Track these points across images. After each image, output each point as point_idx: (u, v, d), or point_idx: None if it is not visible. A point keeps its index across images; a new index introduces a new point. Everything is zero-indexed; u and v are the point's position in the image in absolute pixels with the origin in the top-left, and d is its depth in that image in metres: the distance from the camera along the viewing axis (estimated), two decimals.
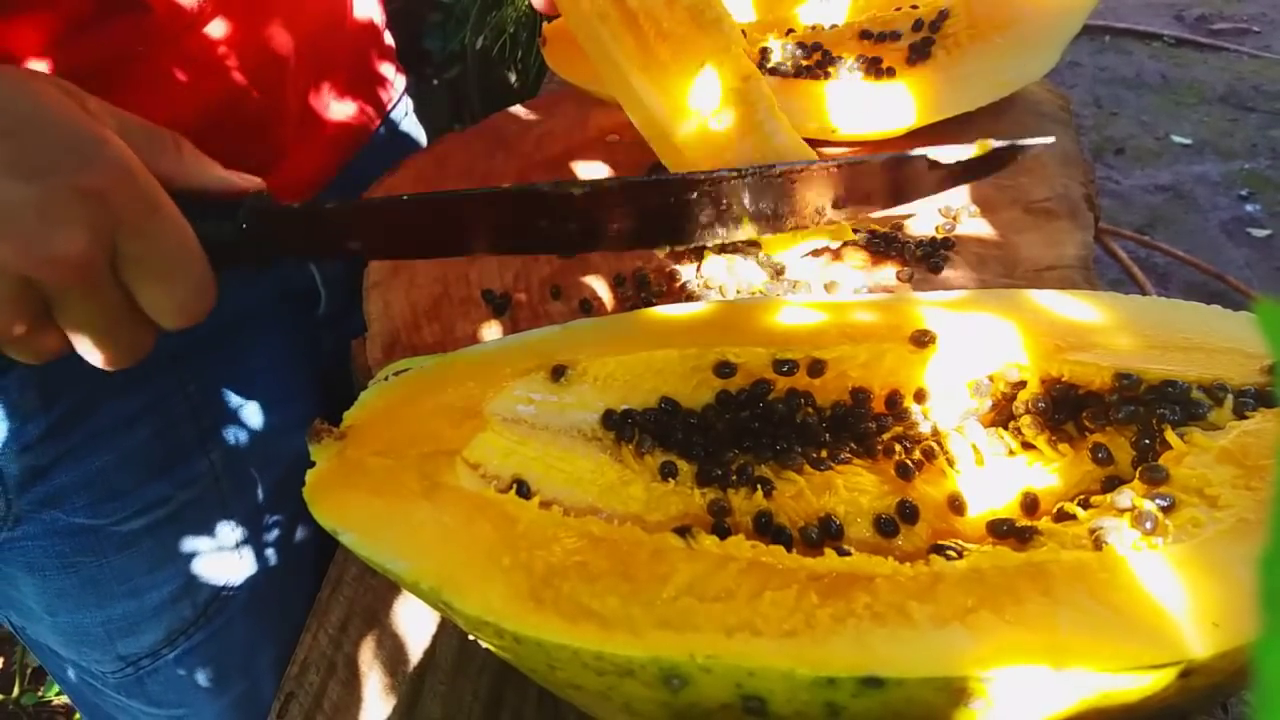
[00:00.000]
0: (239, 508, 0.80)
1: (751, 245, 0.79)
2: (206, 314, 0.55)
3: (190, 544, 0.78)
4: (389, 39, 0.99)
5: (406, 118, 1.03)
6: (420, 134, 1.06)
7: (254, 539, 0.82)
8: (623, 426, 0.55)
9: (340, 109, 0.89)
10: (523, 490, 0.50)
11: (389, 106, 0.98)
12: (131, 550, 0.75)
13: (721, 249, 0.80)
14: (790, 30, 1.02)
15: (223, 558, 0.80)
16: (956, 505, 0.52)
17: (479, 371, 0.55)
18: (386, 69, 0.98)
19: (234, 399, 0.80)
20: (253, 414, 0.81)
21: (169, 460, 0.76)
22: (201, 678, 0.82)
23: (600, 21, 0.78)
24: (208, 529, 0.79)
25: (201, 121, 0.73)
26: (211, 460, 0.78)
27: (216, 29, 0.72)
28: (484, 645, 0.47)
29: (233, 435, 0.80)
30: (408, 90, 1.04)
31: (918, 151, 0.61)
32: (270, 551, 0.83)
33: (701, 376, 0.56)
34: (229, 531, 0.80)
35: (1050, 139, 0.64)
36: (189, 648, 0.80)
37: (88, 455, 0.72)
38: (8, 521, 0.72)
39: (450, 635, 0.59)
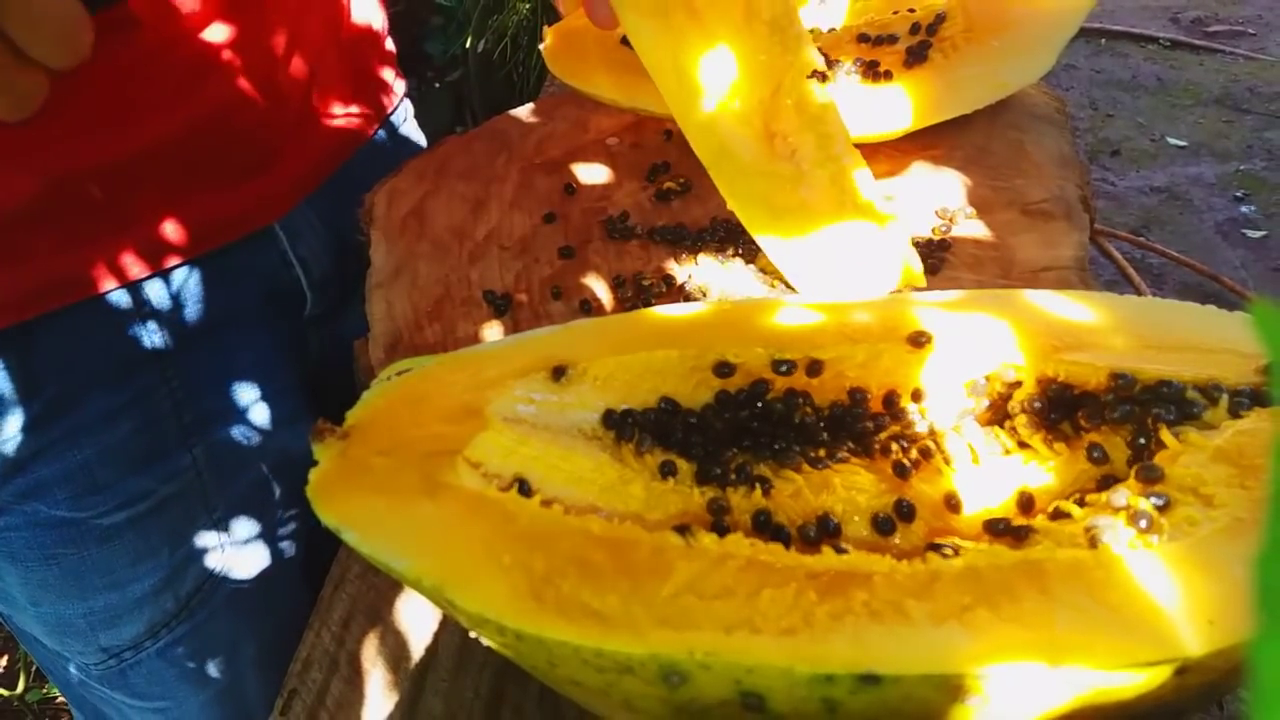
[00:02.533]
0: (221, 503, 0.81)
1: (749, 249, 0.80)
2: (90, 46, 0.54)
3: (172, 538, 0.78)
4: (390, 44, 0.99)
5: (406, 122, 1.03)
6: (420, 138, 1.07)
7: (235, 534, 0.82)
8: (623, 426, 0.56)
9: (338, 112, 0.90)
10: (524, 489, 0.50)
11: (389, 111, 0.98)
12: (113, 543, 0.75)
13: (719, 249, 0.80)
14: None
15: (204, 552, 0.80)
16: (953, 504, 0.52)
17: (480, 371, 0.56)
18: (386, 73, 0.98)
19: (218, 396, 0.81)
20: (237, 411, 0.82)
21: (151, 455, 0.76)
22: (183, 671, 0.82)
23: None
24: (190, 523, 0.79)
25: (196, 128, 0.73)
26: (194, 455, 0.78)
27: (213, 35, 0.73)
28: (485, 642, 0.47)
29: (216, 431, 0.80)
30: (409, 94, 1.04)
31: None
32: (253, 547, 0.83)
33: (701, 376, 0.57)
34: (210, 526, 0.80)
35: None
36: (171, 640, 0.80)
37: (69, 449, 0.72)
38: None
39: (452, 633, 0.60)
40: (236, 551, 0.82)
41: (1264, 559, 0.16)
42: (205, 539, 0.80)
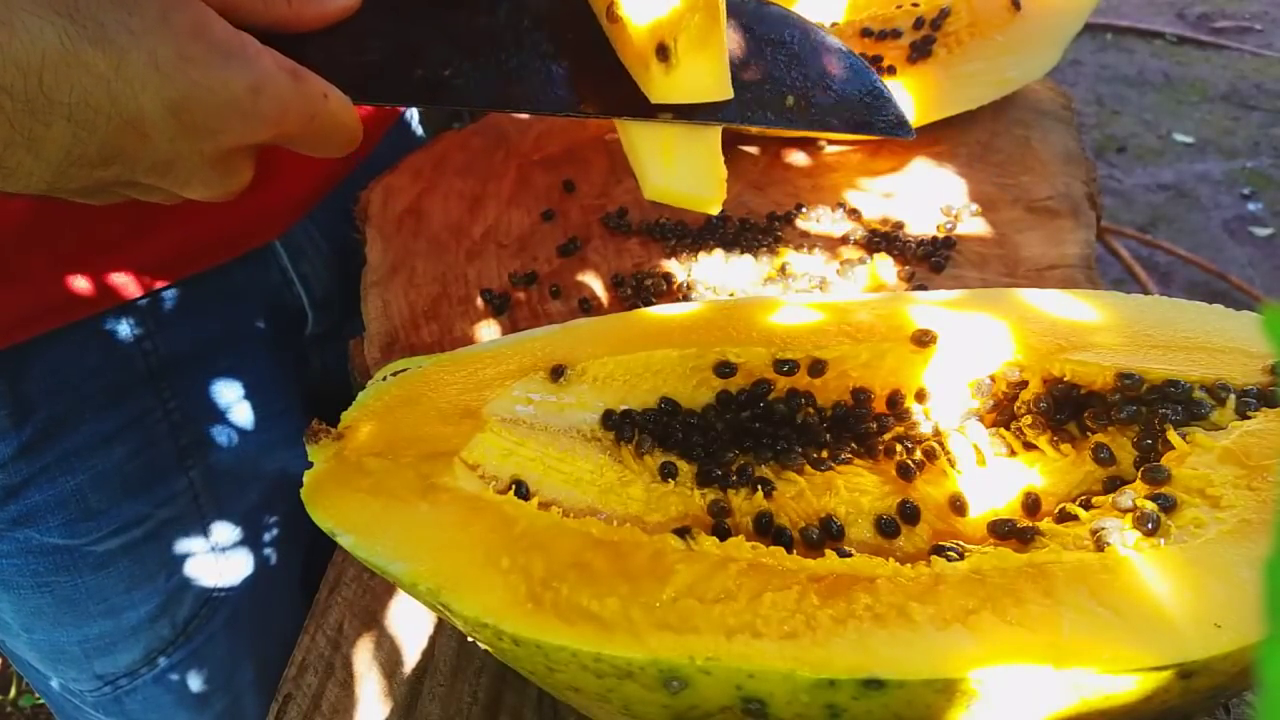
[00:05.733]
0: (219, 526, 0.79)
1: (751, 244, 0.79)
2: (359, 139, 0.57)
3: (169, 563, 0.76)
4: None
5: (413, 127, 1.02)
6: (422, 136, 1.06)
7: (235, 556, 0.80)
8: (622, 427, 0.55)
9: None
10: (521, 491, 0.50)
11: (402, 110, 0.97)
12: (108, 570, 0.74)
13: (720, 246, 0.80)
14: None
15: (202, 576, 0.78)
16: (958, 505, 0.51)
17: (477, 372, 0.55)
18: None
19: (216, 416, 0.79)
20: (235, 432, 0.80)
21: (147, 479, 0.75)
22: (181, 696, 0.80)
23: None
24: (187, 548, 0.77)
25: None
26: (191, 478, 0.77)
27: None
28: (483, 647, 0.46)
29: (214, 453, 0.79)
30: None
31: None
32: (251, 569, 0.82)
33: (701, 376, 0.56)
34: (208, 550, 0.79)
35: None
36: (168, 667, 0.79)
37: (62, 475, 0.71)
38: None
39: (449, 637, 0.59)
40: (235, 575, 0.81)
41: (1273, 562, 0.15)
42: (202, 564, 0.79)
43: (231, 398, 0.80)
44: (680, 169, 0.57)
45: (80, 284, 0.69)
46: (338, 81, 0.53)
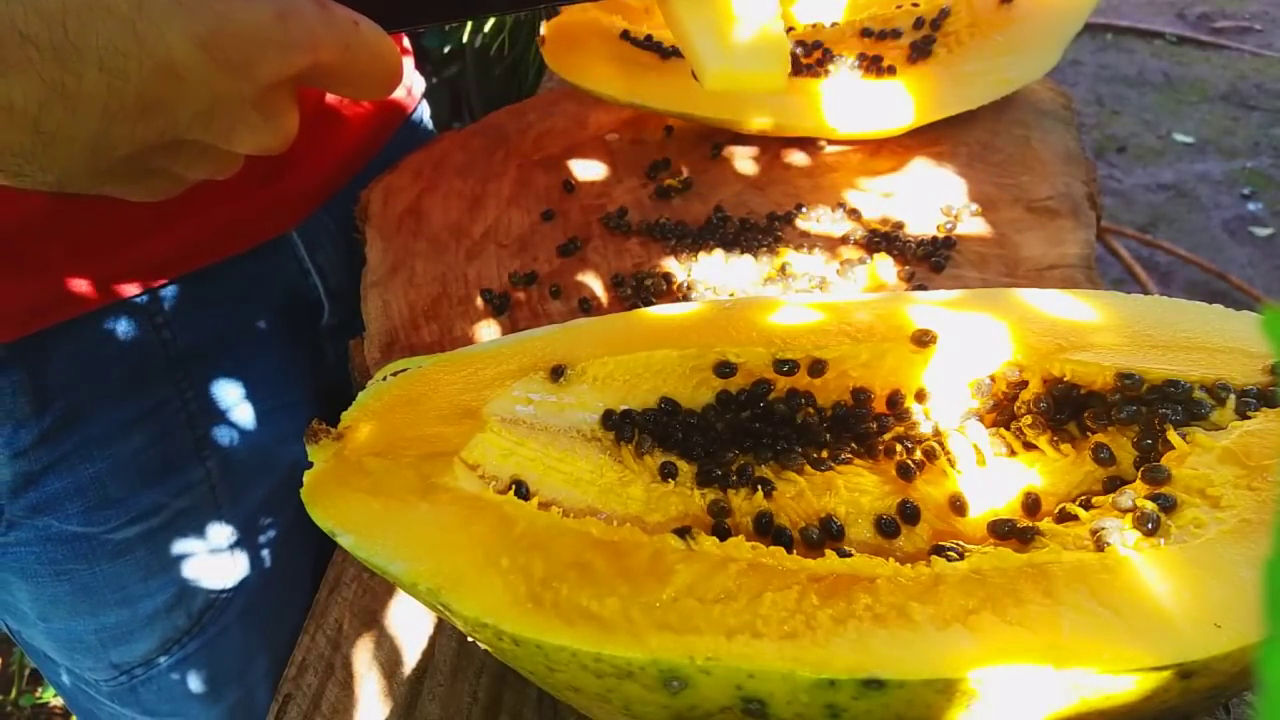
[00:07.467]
0: (235, 516, 0.79)
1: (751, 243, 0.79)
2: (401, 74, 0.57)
3: (185, 552, 0.77)
4: (406, 40, 0.98)
5: (424, 122, 1.02)
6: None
7: (249, 547, 0.81)
8: (622, 427, 0.55)
9: (357, 113, 0.88)
10: (521, 491, 0.50)
11: (409, 110, 0.97)
12: (125, 558, 0.74)
13: (720, 246, 0.80)
14: (790, 29, 1.02)
15: (218, 566, 0.79)
16: (958, 505, 0.51)
17: (477, 372, 0.55)
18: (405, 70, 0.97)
19: (232, 407, 0.79)
20: (251, 423, 0.80)
21: (164, 468, 0.75)
22: (196, 686, 0.81)
23: None
24: (203, 537, 0.78)
25: None
26: (208, 468, 0.77)
27: None
28: (482, 647, 0.46)
29: (230, 444, 0.79)
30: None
31: None
32: (266, 560, 0.82)
33: (701, 376, 0.56)
34: (224, 540, 0.79)
35: None
36: (183, 656, 0.79)
37: (81, 462, 0.71)
38: None
39: (448, 637, 0.59)
40: (249, 565, 0.81)
41: (1273, 561, 0.15)
42: (217, 553, 0.79)
43: (248, 389, 0.80)
44: (740, 44, 0.54)
45: (99, 273, 0.70)
46: (366, 12, 0.52)
